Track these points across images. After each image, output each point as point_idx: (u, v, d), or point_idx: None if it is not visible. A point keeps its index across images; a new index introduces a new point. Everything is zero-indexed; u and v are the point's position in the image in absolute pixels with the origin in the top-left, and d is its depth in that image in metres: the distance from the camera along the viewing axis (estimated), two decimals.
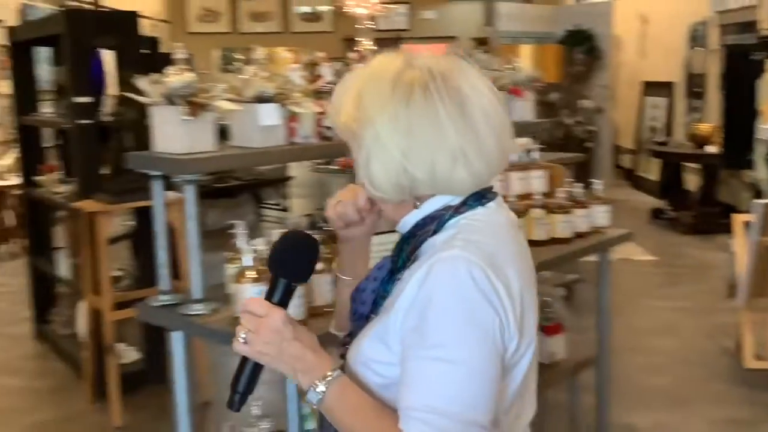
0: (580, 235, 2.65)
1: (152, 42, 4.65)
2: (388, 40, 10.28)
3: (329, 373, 1.06)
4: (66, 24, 3.47)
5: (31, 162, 4.41)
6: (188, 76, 1.78)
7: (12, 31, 4.40)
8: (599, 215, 2.73)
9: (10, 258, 6.41)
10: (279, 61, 2.40)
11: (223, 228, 3.47)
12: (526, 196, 2.60)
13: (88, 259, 3.54)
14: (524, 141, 2.96)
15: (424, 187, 1.09)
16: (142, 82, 1.78)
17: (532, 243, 2.62)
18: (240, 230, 1.89)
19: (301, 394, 1.11)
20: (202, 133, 1.85)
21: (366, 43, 5.87)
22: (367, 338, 1.12)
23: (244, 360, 1.10)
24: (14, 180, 6.38)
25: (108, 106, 3.84)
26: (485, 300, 1.02)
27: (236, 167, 5.54)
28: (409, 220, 1.14)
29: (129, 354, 3.89)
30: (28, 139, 4.47)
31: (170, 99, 1.77)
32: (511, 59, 3.04)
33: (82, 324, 3.97)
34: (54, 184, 4.24)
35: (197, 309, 1.87)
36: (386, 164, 1.08)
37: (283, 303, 1.10)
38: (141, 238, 3.82)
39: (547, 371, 2.58)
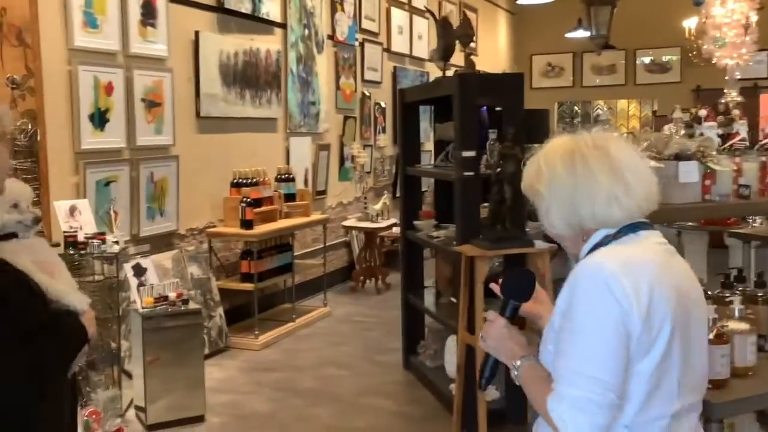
0: None
1: None
2: (746, 89, 9.55)
3: (523, 357, 1.54)
4: (458, 86, 3.87)
5: (411, 208, 4.93)
6: None
7: (402, 93, 5.01)
8: None
9: (377, 293, 7.16)
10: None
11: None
12: None
13: (465, 298, 3.86)
14: None
15: (589, 223, 1.51)
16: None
17: None
18: None
19: None
20: None
21: (734, 95, 5.55)
22: (545, 328, 1.56)
23: (487, 355, 1.60)
24: (383, 223, 7.17)
25: (487, 160, 4.18)
26: (609, 293, 1.38)
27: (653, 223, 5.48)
28: (584, 249, 1.54)
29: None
30: (409, 188, 5.01)
31: None
32: None
33: (450, 358, 4.31)
34: (430, 228, 4.70)
35: None
36: (561, 210, 1.52)
37: (511, 316, 1.58)
38: None
39: None
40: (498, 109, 4.26)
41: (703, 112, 2.00)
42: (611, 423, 1.36)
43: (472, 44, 4.51)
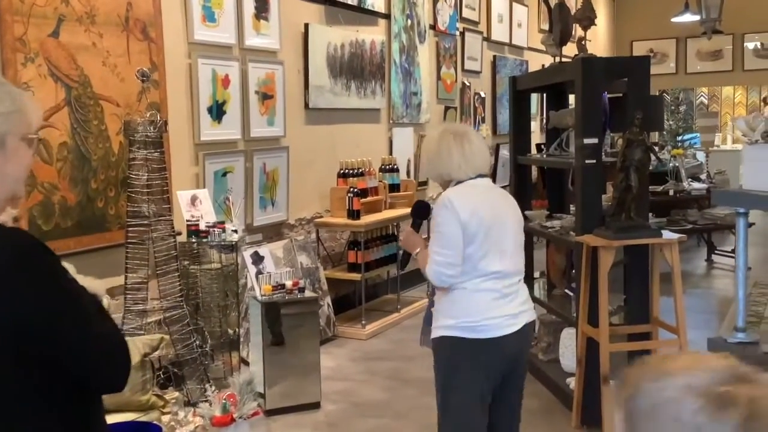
0: None
1: None
2: None
3: (419, 248, 2.75)
4: (581, 70, 3.75)
5: (522, 197, 4.82)
6: None
7: (514, 80, 4.91)
8: None
9: None
10: None
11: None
12: None
13: (585, 290, 3.75)
14: None
15: (446, 177, 2.72)
16: (740, 122, 1.83)
17: None
18: None
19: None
20: None
21: None
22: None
23: (402, 250, 2.92)
24: None
25: (608, 146, 4.05)
26: (448, 209, 2.58)
27: None
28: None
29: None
30: (520, 177, 4.92)
31: None
32: None
33: (566, 351, 4.21)
34: (542, 218, 4.60)
35: None
36: (432, 168, 2.76)
37: (416, 227, 2.82)
38: (632, 274, 3.92)
39: None
40: (611, 96, 4.13)
41: None
42: (455, 273, 2.57)
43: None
